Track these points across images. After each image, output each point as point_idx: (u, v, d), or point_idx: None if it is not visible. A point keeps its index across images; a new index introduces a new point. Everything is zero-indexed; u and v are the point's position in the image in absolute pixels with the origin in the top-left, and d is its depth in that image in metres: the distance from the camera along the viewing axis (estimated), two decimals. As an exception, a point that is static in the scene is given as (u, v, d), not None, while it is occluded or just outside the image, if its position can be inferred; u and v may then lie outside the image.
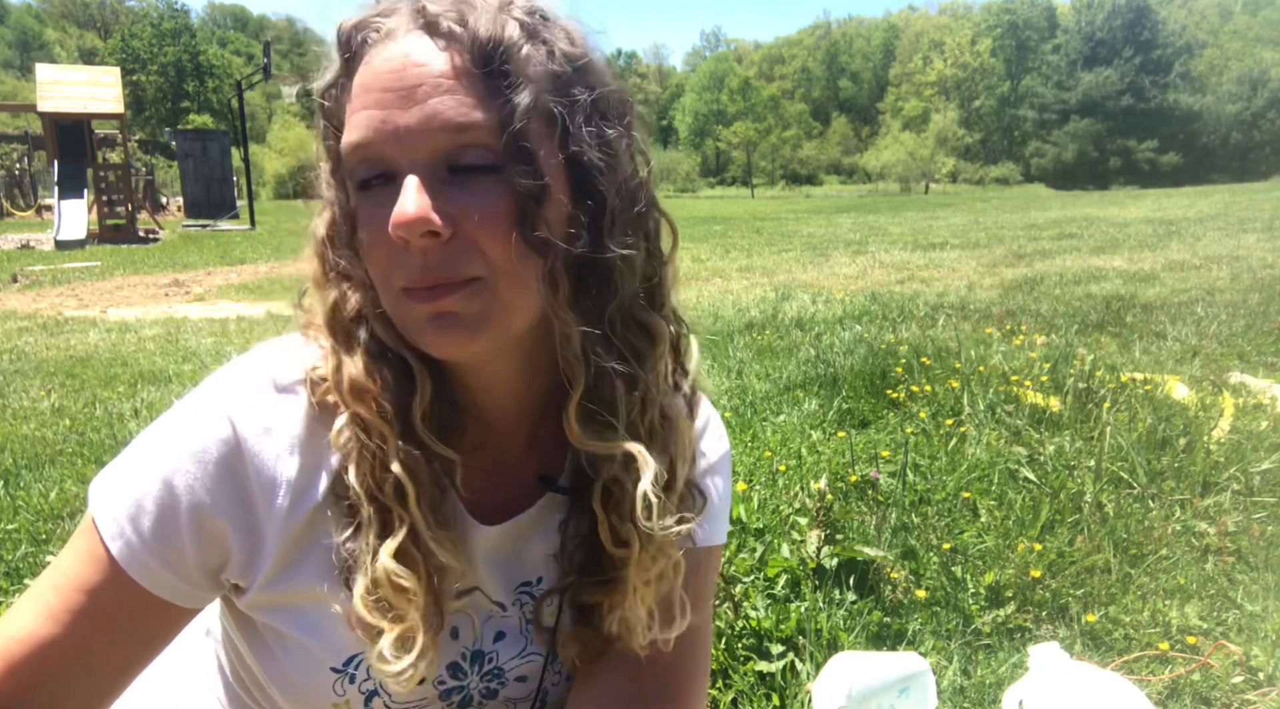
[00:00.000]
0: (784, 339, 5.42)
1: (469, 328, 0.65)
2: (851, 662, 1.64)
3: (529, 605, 0.80)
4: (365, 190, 0.65)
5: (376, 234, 0.64)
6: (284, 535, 0.70)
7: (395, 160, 0.63)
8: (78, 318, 7.48)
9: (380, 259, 0.65)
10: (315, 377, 0.71)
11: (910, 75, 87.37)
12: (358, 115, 0.64)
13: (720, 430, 0.90)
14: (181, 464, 0.67)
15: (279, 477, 0.69)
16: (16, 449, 3.51)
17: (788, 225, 19.20)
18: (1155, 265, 8.96)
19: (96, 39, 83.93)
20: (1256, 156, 60.88)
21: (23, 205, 27.32)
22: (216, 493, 0.67)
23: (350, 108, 0.65)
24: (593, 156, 0.66)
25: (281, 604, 0.72)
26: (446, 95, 0.62)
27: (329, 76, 0.68)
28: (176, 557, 0.68)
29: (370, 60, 0.65)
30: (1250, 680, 1.82)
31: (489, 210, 0.63)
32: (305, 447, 0.70)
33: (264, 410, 0.69)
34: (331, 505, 0.70)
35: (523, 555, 0.79)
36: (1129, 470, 2.83)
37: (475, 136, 0.63)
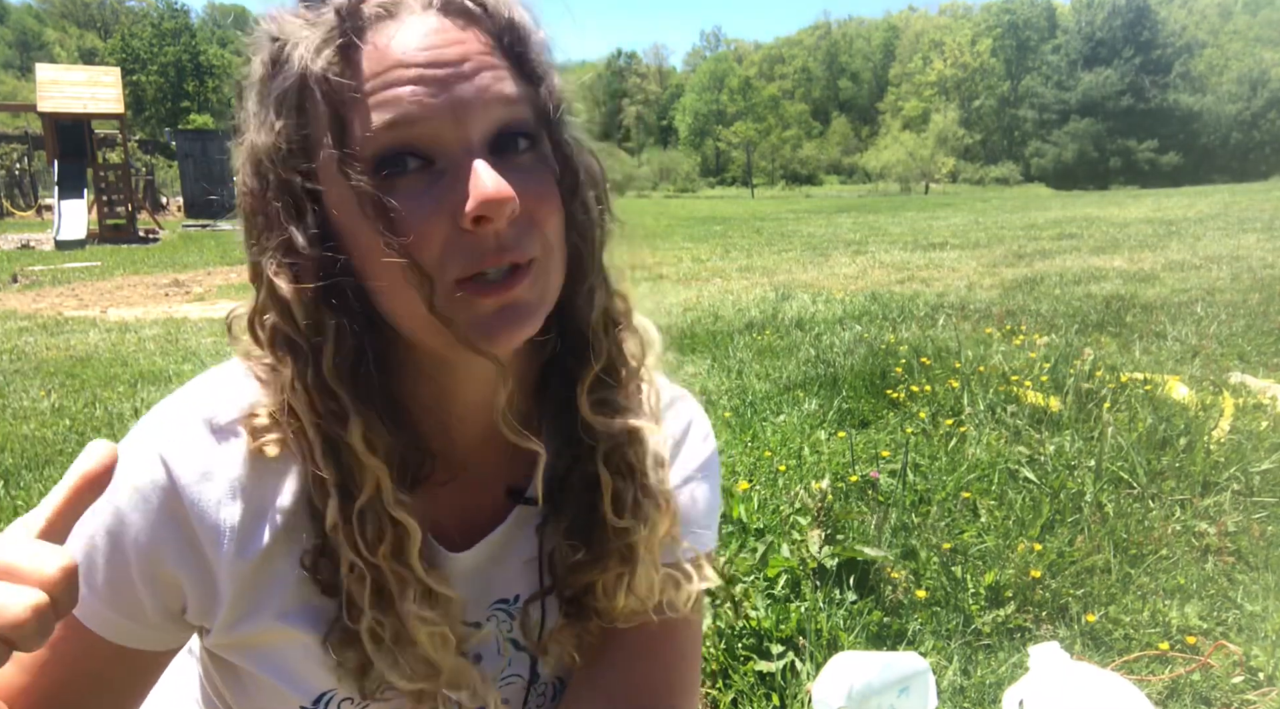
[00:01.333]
0: (784, 339, 5.42)
1: (530, 314, 0.64)
2: (851, 662, 1.64)
3: (505, 623, 0.78)
4: (399, 177, 0.60)
5: (429, 222, 0.60)
6: (235, 580, 0.67)
7: (446, 139, 0.60)
8: (78, 318, 7.48)
9: (434, 251, 0.60)
10: (256, 424, 0.66)
11: (910, 75, 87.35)
12: (391, 93, 0.59)
13: (706, 429, 0.87)
14: (125, 516, 0.65)
15: (221, 523, 0.66)
16: (16, 449, 3.51)
17: (788, 225, 19.20)
18: (1155, 265, 8.95)
19: (96, 39, 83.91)
20: (1256, 156, 60.85)
21: (23, 205, 27.33)
22: (163, 540, 0.65)
23: (369, 87, 0.59)
24: (584, 137, 0.68)
25: (246, 645, 0.70)
26: (491, 71, 0.61)
27: (324, 50, 0.60)
28: (135, 607, 0.67)
29: (382, 38, 0.60)
30: (1250, 680, 1.82)
31: (544, 188, 0.64)
32: (247, 492, 0.66)
33: (200, 455, 0.66)
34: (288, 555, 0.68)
35: (498, 573, 0.77)
36: (1129, 470, 2.83)
37: (522, 111, 0.62)
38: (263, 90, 0.63)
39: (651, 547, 0.75)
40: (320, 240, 0.62)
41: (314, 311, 0.62)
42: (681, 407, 0.86)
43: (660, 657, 0.83)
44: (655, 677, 0.82)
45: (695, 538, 0.83)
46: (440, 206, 0.60)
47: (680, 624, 0.82)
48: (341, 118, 0.60)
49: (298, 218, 0.62)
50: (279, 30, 0.62)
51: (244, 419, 0.67)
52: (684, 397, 0.86)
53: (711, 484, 0.86)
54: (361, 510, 0.64)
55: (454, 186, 0.59)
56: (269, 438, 0.66)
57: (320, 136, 0.61)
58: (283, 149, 0.61)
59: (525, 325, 0.63)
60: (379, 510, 0.64)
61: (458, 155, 0.60)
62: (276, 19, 0.64)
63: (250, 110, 0.64)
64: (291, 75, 0.61)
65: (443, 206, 0.60)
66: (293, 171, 0.62)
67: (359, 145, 0.59)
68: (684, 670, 0.85)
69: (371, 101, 0.59)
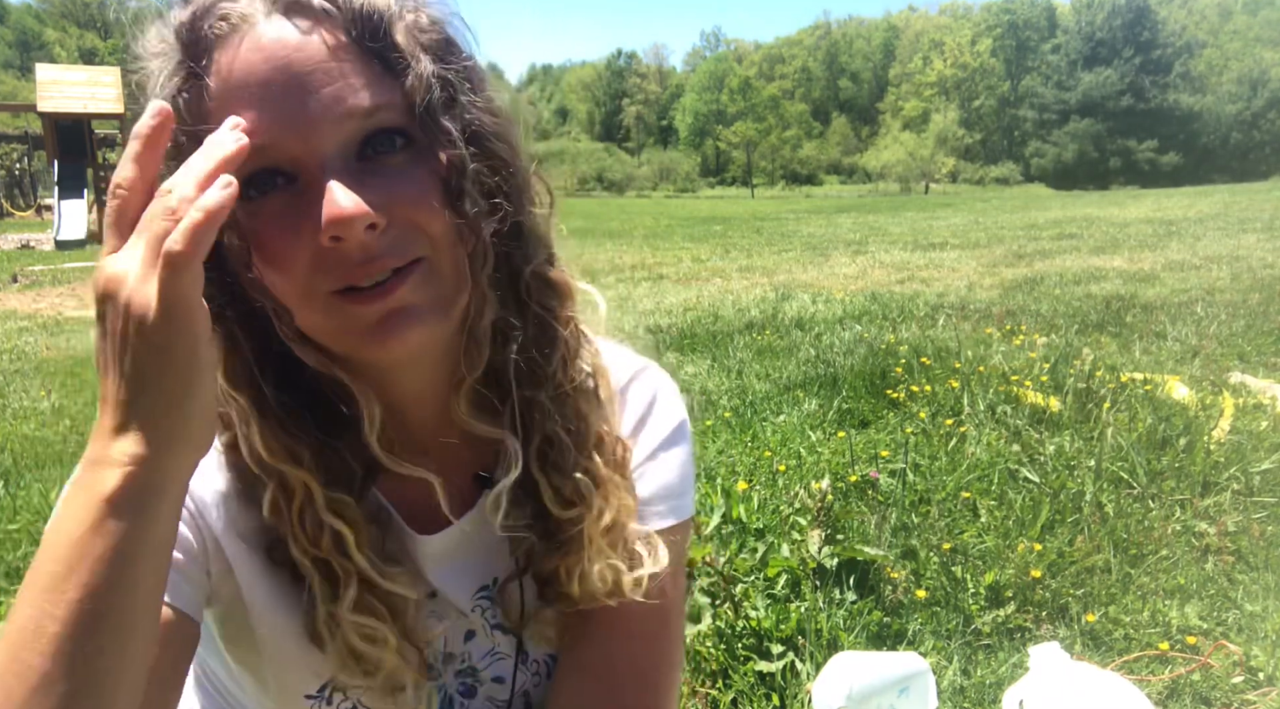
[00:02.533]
0: (784, 339, 5.42)
1: (421, 318, 0.62)
2: (851, 662, 1.64)
3: (489, 610, 0.79)
4: (259, 198, 0.59)
5: (294, 241, 0.59)
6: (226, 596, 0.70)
7: (300, 158, 0.58)
8: (78, 318, 7.48)
9: (301, 268, 0.59)
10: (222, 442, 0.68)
11: (910, 75, 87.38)
12: (237, 118, 0.57)
13: (671, 399, 0.85)
14: None
15: (206, 542, 0.69)
16: (16, 449, 3.51)
17: (788, 225, 19.20)
18: (1155, 265, 8.95)
19: (96, 39, 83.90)
20: (1256, 156, 60.88)
21: (23, 205, 27.34)
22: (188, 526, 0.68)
23: (216, 111, 0.58)
24: (487, 121, 0.64)
25: (248, 644, 0.73)
26: (342, 80, 0.58)
27: (171, 81, 0.59)
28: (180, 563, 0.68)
29: (226, 57, 0.58)
30: (1250, 680, 1.82)
31: (418, 190, 0.61)
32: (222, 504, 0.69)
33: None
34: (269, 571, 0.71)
35: (476, 557, 0.78)
36: (1129, 470, 2.83)
37: (384, 117, 0.60)
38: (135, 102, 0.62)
39: (597, 534, 0.75)
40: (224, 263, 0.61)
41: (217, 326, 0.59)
42: (646, 378, 0.85)
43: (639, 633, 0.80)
44: (636, 653, 0.80)
45: (674, 507, 0.83)
46: (301, 225, 0.58)
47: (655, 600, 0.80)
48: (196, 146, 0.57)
49: None
50: (142, 50, 0.62)
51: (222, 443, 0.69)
52: (647, 368, 0.85)
53: (683, 452, 0.85)
54: (300, 509, 0.65)
55: (314, 204, 0.58)
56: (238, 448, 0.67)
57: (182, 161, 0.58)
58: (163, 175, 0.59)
59: (416, 327, 0.62)
60: (313, 512, 0.65)
61: (314, 171, 0.58)
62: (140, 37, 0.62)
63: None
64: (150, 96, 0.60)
65: (303, 225, 0.58)
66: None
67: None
68: (665, 645, 0.82)
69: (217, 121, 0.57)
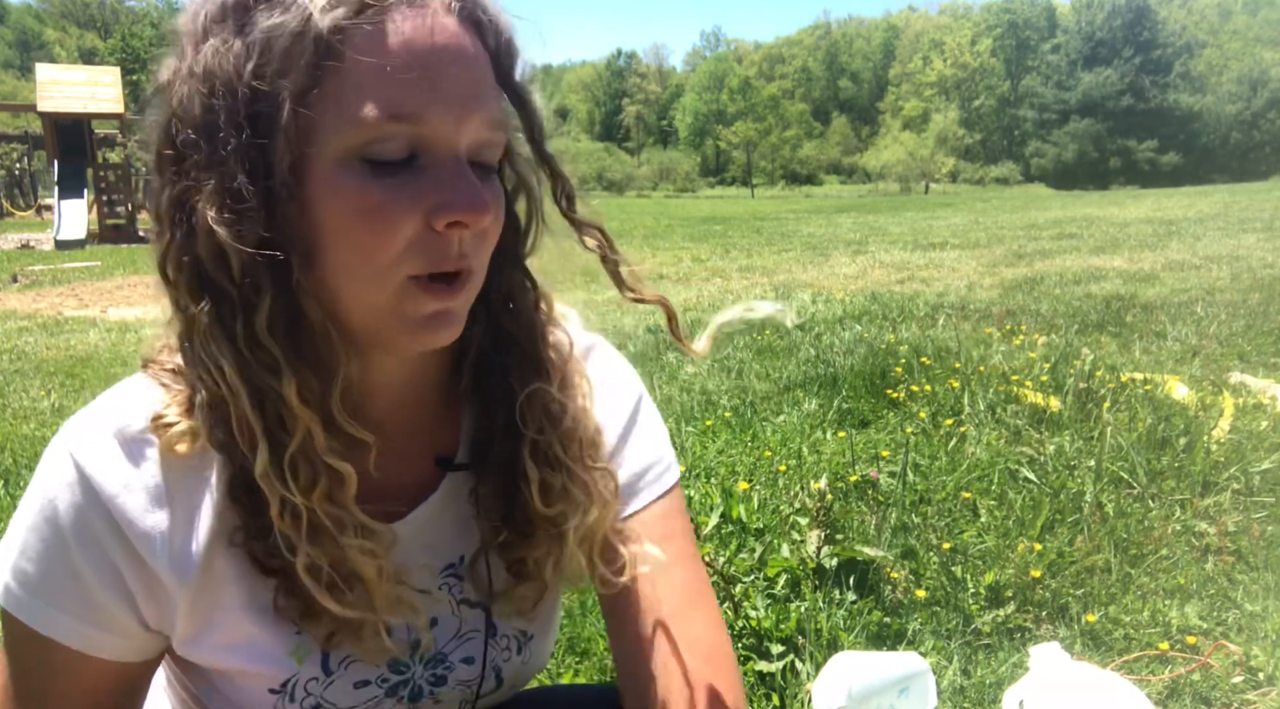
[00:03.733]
0: (784, 339, 5.42)
1: (458, 323, 0.66)
2: (851, 662, 1.64)
3: (456, 586, 0.79)
4: (382, 163, 0.59)
5: (400, 217, 0.60)
6: (183, 587, 0.67)
7: (441, 140, 0.60)
8: (78, 318, 7.48)
9: (398, 244, 0.60)
10: (166, 424, 0.66)
11: (910, 75, 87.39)
12: (402, 79, 0.57)
13: (624, 378, 0.86)
14: (68, 539, 0.65)
15: (152, 531, 0.66)
16: (16, 449, 3.51)
17: (788, 225, 19.20)
18: (1155, 265, 8.95)
19: (96, 39, 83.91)
20: (1256, 156, 60.88)
21: (23, 205, 27.34)
22: (111, 552, 0.65)
23: (376, 69, 0.57)
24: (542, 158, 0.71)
25: (210, 643, 0.71)
26: (490, 88, 0.63)
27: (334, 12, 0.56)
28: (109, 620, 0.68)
29: (400, 25, 0.58)
30: (1250, 680, 1.82)
31: (501, 208, 0.66)
32: (171, 496, 0.66)
33: (116, 466, 0.65)
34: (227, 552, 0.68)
35: (440, 539, 0.78)
36: (1129, 470, 2.83)
37: (501, 134, 0.65)
38: (238, 13, 0.58)
39: (580, 531, 0.76)
40: (268, 197, 0.58)
41: (252, 269, 0.59)
42: (598, 356, 0.85)
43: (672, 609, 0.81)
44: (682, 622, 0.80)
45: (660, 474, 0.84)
46: (417, 203, 0.60)
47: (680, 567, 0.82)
48: (341, 85, 0.57)
49: (251, 166, 0.58)
50: None
51: (154, 424, 0.66)
52: (596, 344, 0.86)
53: (651, 420, 0.86)
54: (293, 457, 0.63)
55: (435, 187, 0.60)
56: (179, 436, 0.65)
57: (306, 95, 0.57)
58: (250, 90, 0.57)
59: (451, 332, 0.66)
60: (312, 457, 0.64)
61: (443, 157, 0.61)
62: None
63: (205, 24, 0.59)
64: (293, 17, 0.56)
65: (419, 204, 0.60)
66: (257, 117, 0.57)
67: (352, 121, 0.57)
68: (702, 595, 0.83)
69: (381, 83, 0.57)
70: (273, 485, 0.63)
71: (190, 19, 0.60)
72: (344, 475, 0.65)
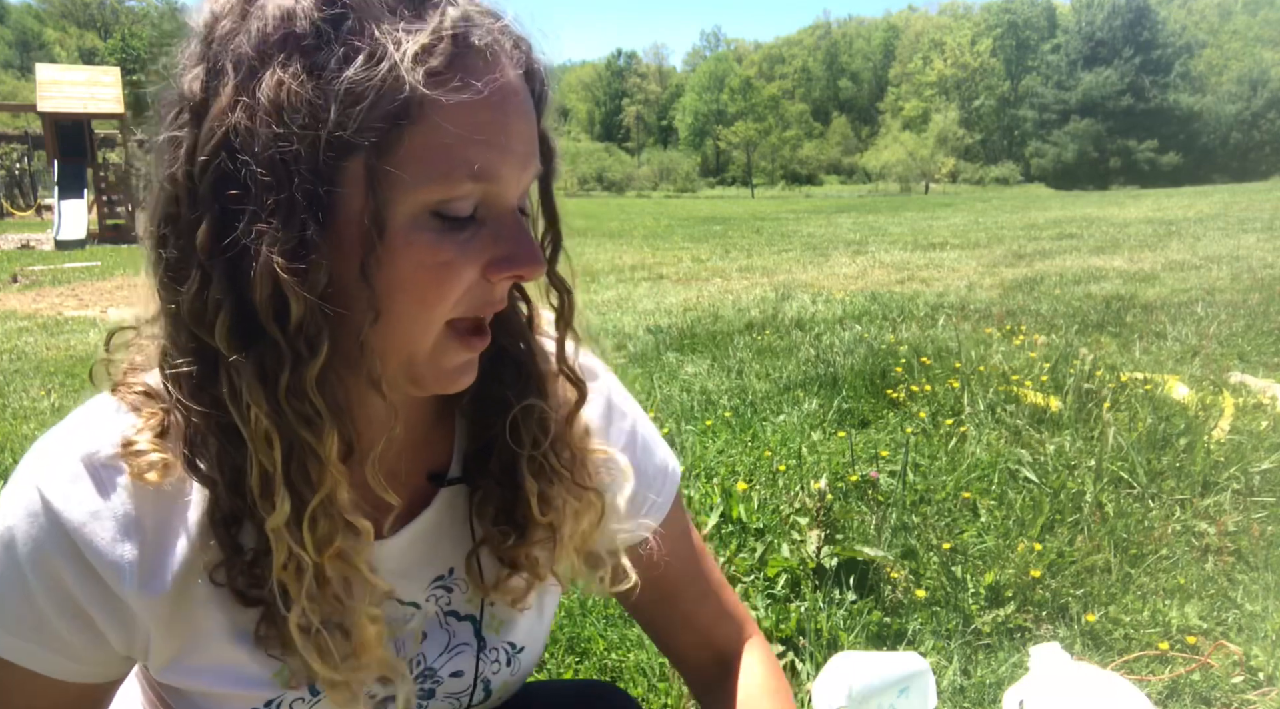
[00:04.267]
0: (784, 339, 5.42)
1: (475, 369, 0.68)
2: (851, 662, 1.64)
3: (443, 598, 0.79)
4: (452, 222, 0.59)
5: (462, 269, 0.60)
6: (155, 616, 0.65)
7: (503, 197, 0.62)
8: (78, 318, 7.48)
9: (449, 291, 0.61)
10: (137, 452, 0.63)
11: (910, 75, 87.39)
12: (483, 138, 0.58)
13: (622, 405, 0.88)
14: (25, 571, 0.63)
15: (121, 561, 0.63)
16: (17, 449, 3.51)
17: (788, 225, 19.20)
18: (1155, 265, 8.95)
19: (96, 39, 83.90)
20: (1256, 156, 60.89)
21: (23, 205, 27.32)
22: (73, 586, 0.63)
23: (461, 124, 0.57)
24: None
25: (196, 670, 0.69)
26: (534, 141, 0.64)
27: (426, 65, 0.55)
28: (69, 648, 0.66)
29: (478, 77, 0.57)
30: (1250, 680, 1.82)
31: None
32: (141, 525, 0.64)
33: (84, 496, 0.63)
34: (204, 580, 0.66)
35: (431, 553, 0.78)
36: (1129, 470, 2.83)
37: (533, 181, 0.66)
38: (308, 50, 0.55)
39: (575, 536, 0.78)
40: (337, 247, 0.57)
41: (313, 320, 0.57)
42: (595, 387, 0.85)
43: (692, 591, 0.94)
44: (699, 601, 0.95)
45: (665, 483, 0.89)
46: (479, 256, 0.61)
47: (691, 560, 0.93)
48: (425, 142, 0.56)
49: (323, 215, 0.56)
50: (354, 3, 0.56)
51: (124, 451, 0.63)
52: (595, 373, 0.85)
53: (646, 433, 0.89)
54: (314, 512, 0.61)
55: (495, 241, 0.62)
56: (150, 465, 0.63)
57: (390, 150, 0.55)
58: (329, 139, 0.54)
59: (471, 379, 0.67)
60: (332, 513, 0.62)
61: (503, 211, 0.62)
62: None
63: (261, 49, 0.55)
64: (380, 71, 0.54)
65: (481, 256, 0.61)
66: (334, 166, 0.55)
67: (433, 179, 0.57)
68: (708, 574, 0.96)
69: (464, 142, 0.57)
70: (285, 539, 0.61)
71: (233, 33, 0.56)
72: (361, 532, 0.65)
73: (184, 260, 0.58)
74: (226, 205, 0.56)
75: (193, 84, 0.57)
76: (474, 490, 0.78)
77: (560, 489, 0.76)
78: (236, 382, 0.58)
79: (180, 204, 0.57)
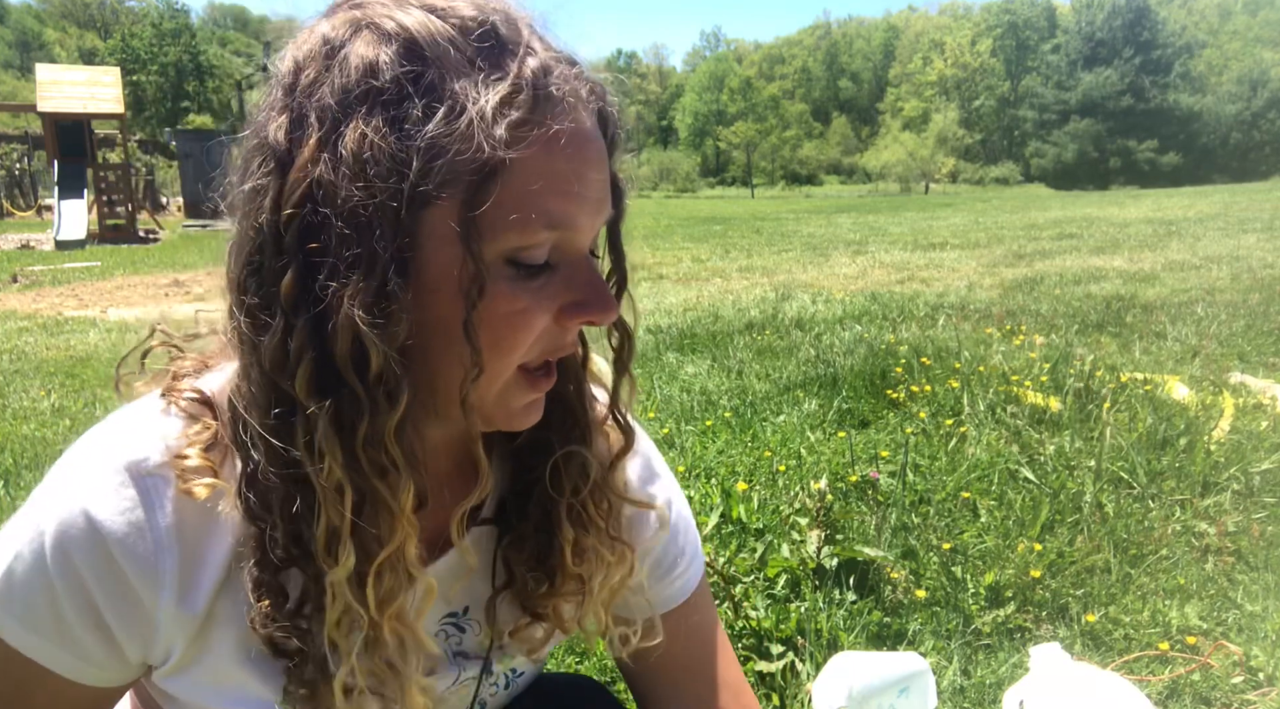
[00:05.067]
0: (784, 339, 5.42)
1: (541, 407, 0.68)
2: (851, 662, 1.64)
3: (454, 636, 0.79)
4: (528, 270, 0.60)
5: (537, 315, 0.61)
6: (180, 629, 0.65)
7: (576, 245, 0.62)
8: (78, 318, 7.47)
9: (524, 338, 0.61)
10: (186, 466, 0.62)
11: (910, 75, 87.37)
12: (559, 191, 0.58)
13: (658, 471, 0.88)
14: (53, 579, 0.62)
15: (160, 576, 0.62)
16: (16, 449, 3.51)
17: (788, 225, 19.20)
18: (1155, 265, 8.95)
19: (96, 39, 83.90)
20: (1256, 156, 60.87)
21: (23, 205, 27.30)
22: (99, 598, 0.63)
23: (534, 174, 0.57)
24: None
25: (200, 683, 0.69)
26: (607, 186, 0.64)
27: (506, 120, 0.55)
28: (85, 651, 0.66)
29: (556, 127, 0.57)
30: (1250, 680, 1.82)
31: None
32: (181, 540, 0.63)
33: (129, 506, 0.62)
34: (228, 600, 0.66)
35: (451, 590, 0.77)
36: (1129, 470, 2.83)
37: None
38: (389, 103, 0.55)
39: (603, 589, 0.78)
40: (419, 299, 0.57)
41: (391, 369, 0.57)
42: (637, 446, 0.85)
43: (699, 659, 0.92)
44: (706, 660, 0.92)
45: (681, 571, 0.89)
46: (553, 302, 0.62)
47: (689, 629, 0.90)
48: (504, 193, 0.56)
49: (402, 266, 0.56)
50: (431, 54, 0.56)
51: (172, 461, 0.63)
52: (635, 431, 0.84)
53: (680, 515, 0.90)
54: (380, 567, 0.61)
55: (568, 286, 0.62)
56: (200, 481, 0.62)
57: (471, 204, 0.56)
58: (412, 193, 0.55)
59: (538, 415, 0.68)
60: (398, 568, 0.62)
61: (576, 257, 0.62)
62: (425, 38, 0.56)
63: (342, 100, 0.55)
64: (461, 125, 0.55)
65: (555, 302, 0.62)
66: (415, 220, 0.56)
67: (511, 228, 0.57)
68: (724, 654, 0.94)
69: (542, 192, 0.57)
70: (345, 595, 0.60)
71: (317, 83, 0.56)
72: (430, 588, 0.65)
73: (267, 308, 0.58)
74: (309, 256, 0.56)
75: (277, 133, 0.57)
76: (503, 534, 0.77)
77: (594, 540, 0.76)
78: (313, 431, 0.58)
79: (264, 253, 0.58)
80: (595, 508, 0.75)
